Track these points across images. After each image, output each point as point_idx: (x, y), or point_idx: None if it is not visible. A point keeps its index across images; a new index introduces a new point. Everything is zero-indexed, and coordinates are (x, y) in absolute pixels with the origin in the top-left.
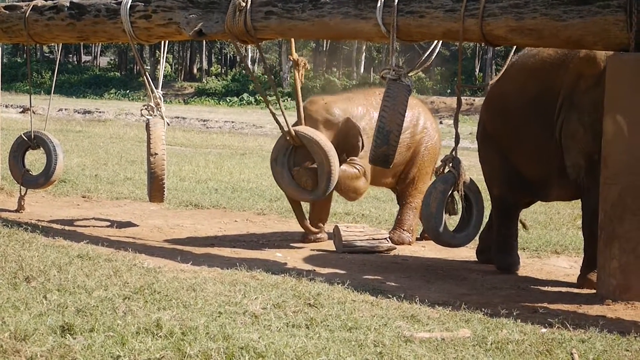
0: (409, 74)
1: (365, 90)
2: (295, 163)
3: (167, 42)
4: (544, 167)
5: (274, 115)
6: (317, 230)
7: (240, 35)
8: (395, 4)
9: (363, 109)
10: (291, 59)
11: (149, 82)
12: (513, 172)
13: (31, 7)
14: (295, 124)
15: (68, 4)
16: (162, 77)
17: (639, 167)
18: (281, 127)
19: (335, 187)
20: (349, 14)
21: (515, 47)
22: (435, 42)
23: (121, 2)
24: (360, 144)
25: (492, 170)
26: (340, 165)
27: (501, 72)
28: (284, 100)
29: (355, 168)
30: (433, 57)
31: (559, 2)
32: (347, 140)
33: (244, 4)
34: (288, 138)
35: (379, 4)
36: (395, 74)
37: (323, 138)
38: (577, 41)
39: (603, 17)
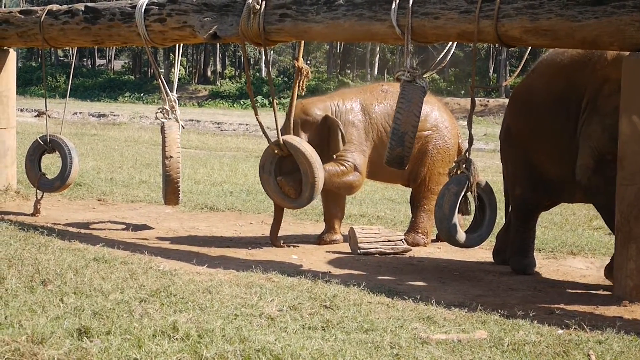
0: (424, 76)
1: (368, 85)
2: (282, 171)
3: (181, 45)
4: (567, 167)
5: (261, 125)
6: (280, 245)
7: (255, 38)
8: (410, 5)
9: (350, 103)
10: (296, 64)
11: (163, 85)
12: (536, 172)
13: (46, 11)
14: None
15: (83, 8)
16: (176, 80)
17: None
18: (268, 139)
19: (328, 186)
20: (364, 15)
21: (530, 47)
22: (450, 43)
23: (136, 5)
24: (340, 138)
25: (515, 170)
26: (329, 163)
27: (516, 71)
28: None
29: (342, 165)
30: (448, 58)
31: (574, 3)
32: (328, 137)
33: (258, 7)
34: (275, 148)
35: (393, 6)
36: (410, 75)
37: (309, 148)
38: (592, 42)
39: (618, 17)
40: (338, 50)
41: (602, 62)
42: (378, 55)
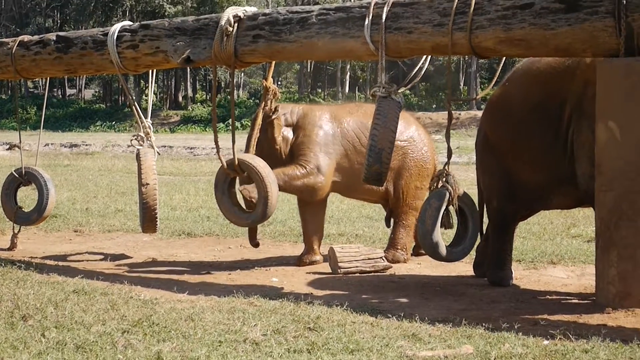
0: (399, 90)
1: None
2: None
3: (154, 71)
4: (546, 175)
5: (217, 145)
6: (256, 244)
7: (228, 60)
8: (383, 21)
9: (318, 111)
10: (264, 84)
11: (138, 112)
12: (513, 182)
13: (17, 42)
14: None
15: (54, 38)
16: (150, 106)
17: (633, 173)
18: (221, 159)
19: (289, 191)
20: (337, 33)
21: (504, 58)
22: (424, 57)
23: (107, 33)
24: (277, 126)
25: (492, 180)
26: (288, 166)
27: (492, 82)
28: None
29: (303, 167)
30: (422, 72)
31: (546, 11)
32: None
33: (231, 29)
34: (225, 171)
35: (366, 22)
36: (385, 91)
37: (262, 164)
38: (566, 49)
39: (591, 24)
40: (309, 70)
41: (582, 66)
42: (349, 73)
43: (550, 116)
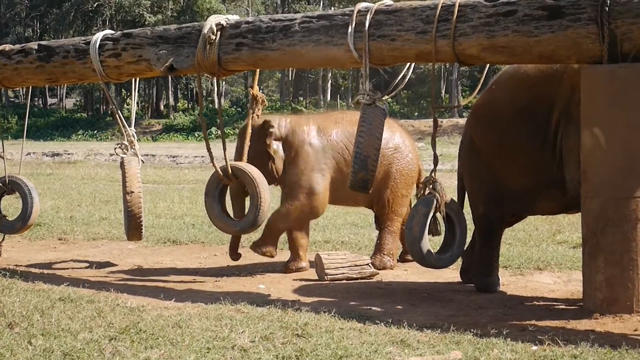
0: (384, 98)
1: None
2: (237, 196)
3: (137, 80)
4: (534, 179)
5: (210, 153)
6: (236, 257)
7: (211, 69)
8: (366, 28)
9: (306, 124)
10: (251, 93)
11: (121, 120)
12: (500, 187)
13: None
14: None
15: (36, 47)
16: (134, 115)
17: (618, 179)
18: (215, 166)
19: (293, 226)
20: (320, 41)
21: (488, 65)
22: (408, 64)
23: (90, 41)
24: (273, 139)
25: (479, 185)
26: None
27: (476, 89)
28: None
29: (292, 201)
30: (407, 79)
31: (530, 18)
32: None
33: (214, 37)
34: (220, 177)
35: (349, 30)
36: (369, 98)
37: (256, 171)
38: (549, 56)
39: (574, 31)
40: (290, 78)
41: (570, 71)
42: (330, 81)
43: (538, 120)
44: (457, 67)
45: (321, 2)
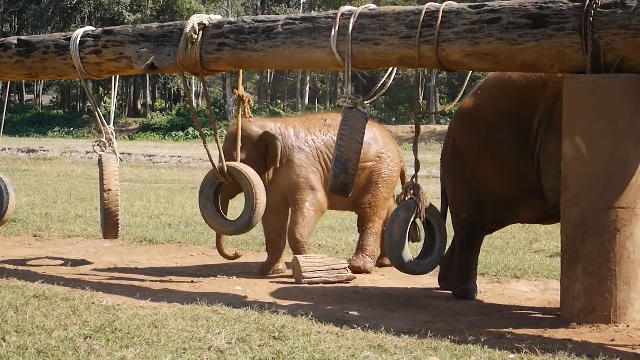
0: (366, 102)
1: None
2: (222, 197)
3: (117, 77)
4: (515, 186)
5: (208, 152)
6: (231, 255)
7: (193, 68)
8: (350, 32)
9: (293, 128)
10: (236, 93)
11: (100, 117)
12: (483, 192)
13: None
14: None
15: (16, 41)
16: (113, 112)
17: (598, 188)
18: (213, 164)
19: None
20: (303, 43)
21: (471, 72)
22: (390, 69)
23: (70, 37)
24: (278, 152)
25: (462, 190)
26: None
27: (458, 95)
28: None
29: (304, 209)
30: (389, 83)
31: (513, 26)
32: (265, 153)
33: (195, 36)
34: (217, 175)
35: (332, 32)
36: (351, 102)
37: (252, 172)
38: (533, 64)
39: (558, 40)
40: (268, 80)
41: (553, 79)
42: (309, 85)
43: (521, 126)
44: (435, 74)
45: (301, 6)
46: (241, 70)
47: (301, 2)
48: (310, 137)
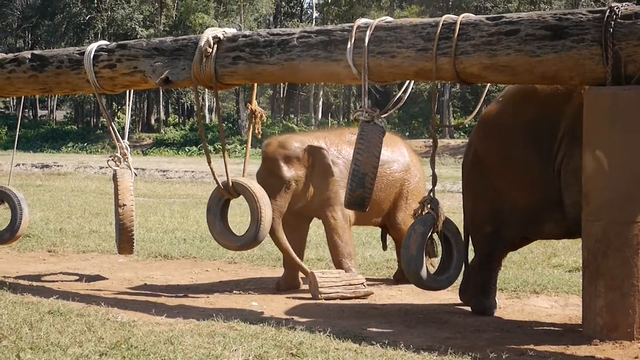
0: (383, 115)
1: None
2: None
3: (132, 91)
4: (538, 199)
5: (211, 168)
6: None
7: (208, 82)
8: (366, 45)
9: (321, 141)
10: (249, 107)
11: (114, 132)
12: (506, 205)
13: None
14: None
15: (29, 56)
16: (128, 127)
17: (620, 203)
18: (217, 181)
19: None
20: (319, 56)
21: (487, 86)
22: (407, 82)
23: (84, 52)
24: (330, 161)
25: (485, 204)
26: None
27: (475, 109)
28: (242, 149)
29: (342, 228)
30: (406, 97)
31: (532, 38)
32: (315, 166)
33: (210, 50)
34: (221, 192)
35: (349, 46)
36: (368, 115)
37: (257, 187)
38: (552, 77)
39: (578, 52)
40: (282, 95)
41: (579, 90)
42: (322, 99)
43: (544, 137)
44: (448, 88)
45: (313, 20)
46: (255, 85)
47: (313, 17)
48: (342, 152)
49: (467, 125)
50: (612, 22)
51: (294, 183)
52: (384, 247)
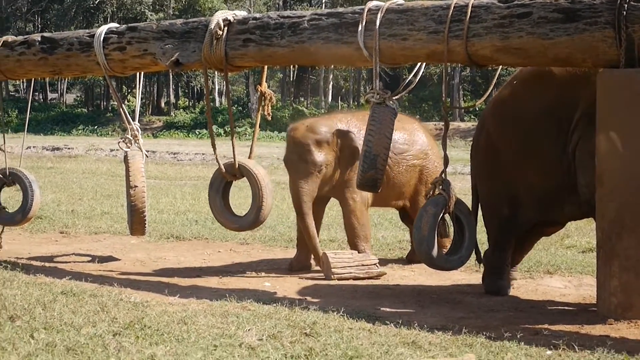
0: (394, 97)
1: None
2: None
3: (142, 74)
4: (556, 182)
5: (214, 149)
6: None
7: (218, 64)
8: (377, 27)
9: (347, 124)
10: (259, 89)
11: (125, 114)
12: (524, 189)
13: (1, 42)
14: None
15: (39, 39)
16: (138, 109)
17: (635, 183)
18: (219, 162)
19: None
20: (330, 38)
21: (498, 70)
22: (418, 65)
23: (94, 34)
24: (358, 144)
25: (503, 186)
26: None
27: (487, 92)
28: (252, 132)
29: (361, 211)
30: (417, 79)
31: (544, 21)
32: (344, 150)
33: (220, 32)
34: (223, 174)
35: (360, 28)
36: (379, 97)
37: (262, 172)
38: (565, 59)
39: (591, 34)
40: (291, 79)
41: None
42: (332, 83)
43: (561, 120)
44: (458, 72)
45: (323, 4)
46: (265, 67)
47: (323, 1)
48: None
49: (477, 108)
50: (625, 5)
51: (325, 167)
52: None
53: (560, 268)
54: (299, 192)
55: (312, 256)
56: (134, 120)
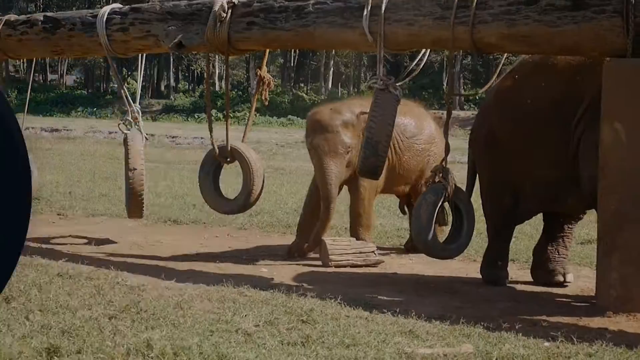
0: (397, 84)
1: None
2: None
3: (144, 56)
4: (561, 173)
5: (210, 132)
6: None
7: (221, 47)
8: (382, 12)
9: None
10: (258, 73)
11: (126, 96)
12: (527, 181)
13: (4, 22)
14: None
15: (42, 18)
16: (139, 91)
17: (637, 176)
18: (213, 145)
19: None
20: (335, 23)
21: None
22: (422, 52)
23: (97, 15)
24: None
25: (505, 177)
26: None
27: (492, 80)
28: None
29: (368, 199)
30: (421, 65)
31: (552, 8)
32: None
33: (224, 15)
34: (217, 157)
35: (365, 12)
36: (383, 83)
37: (255, 157)
38: (572, 48)
39: (598, 23)
40: (292, 64)
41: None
42: (332, 69)
43: (567, 112)
44: (460, 60)
45: None
46: (267, 51)
47: None
48: None
49: (477, 97)
50: None
51: (351, 150)
52: (403, 212)
53: None
54: (328, 175)
55: (311, 240)
56: (134, 102)
